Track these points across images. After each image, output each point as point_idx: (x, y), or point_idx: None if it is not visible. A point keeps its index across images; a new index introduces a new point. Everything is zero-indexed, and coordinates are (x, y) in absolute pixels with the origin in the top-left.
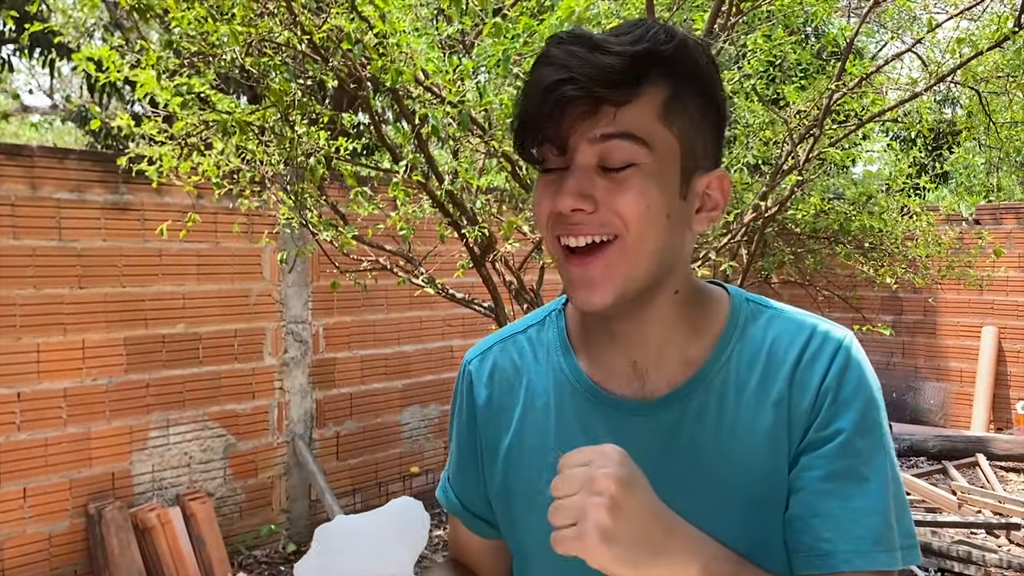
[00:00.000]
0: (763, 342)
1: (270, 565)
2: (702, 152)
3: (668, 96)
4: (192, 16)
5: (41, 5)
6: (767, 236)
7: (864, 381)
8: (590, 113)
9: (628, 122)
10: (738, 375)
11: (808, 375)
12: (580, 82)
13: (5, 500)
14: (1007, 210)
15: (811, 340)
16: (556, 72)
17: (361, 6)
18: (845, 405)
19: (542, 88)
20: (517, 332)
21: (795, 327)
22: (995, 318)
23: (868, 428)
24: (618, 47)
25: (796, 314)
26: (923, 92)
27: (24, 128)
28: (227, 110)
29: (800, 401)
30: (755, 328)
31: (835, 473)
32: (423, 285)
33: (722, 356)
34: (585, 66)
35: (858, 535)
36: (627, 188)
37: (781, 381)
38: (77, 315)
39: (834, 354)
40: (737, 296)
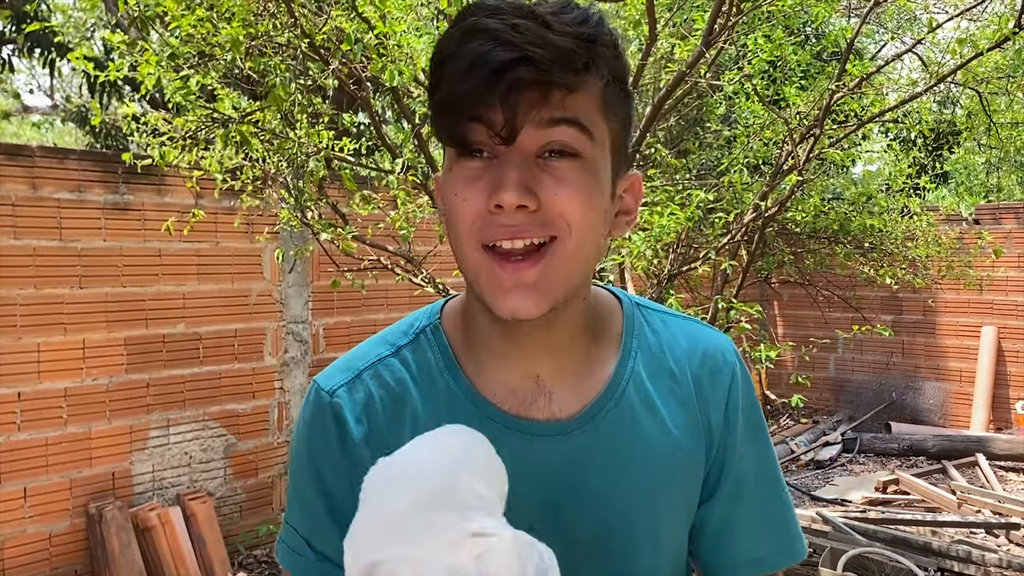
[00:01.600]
0: (661, 350)
1: (270, 565)
2: (624, 152)
3: (605, 86)
4: (193, 19)
5: (41, 5)
6: (767, 236)
7: (752, 389)
8: (541, 98)
9: (575, 108)
10: (644, 388)
11: (713, 392)
12: (537, 63)
13: (6, 500)
14: (1007, 210)
15: (707, 354)
16: (505, 49)
17: (361, 6)
18: (750, 419)
19: (492, 67)
20: (386, 355)
21: (685, 334)
22: (995, 318)
23: (762, 432)
24: (567, 27)
25: (680, 318)
26: (923, 92)
27: (24, 128)
28: (230, 115)
29: (709, 417)
30: (651, 334)
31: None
32: (423, 285)
33: (627, 367)
34: (541, 46)
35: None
36: (569, 184)
37: (689, 397)
38: (77, 315)
39: (733, 369)
40: (626, 301)
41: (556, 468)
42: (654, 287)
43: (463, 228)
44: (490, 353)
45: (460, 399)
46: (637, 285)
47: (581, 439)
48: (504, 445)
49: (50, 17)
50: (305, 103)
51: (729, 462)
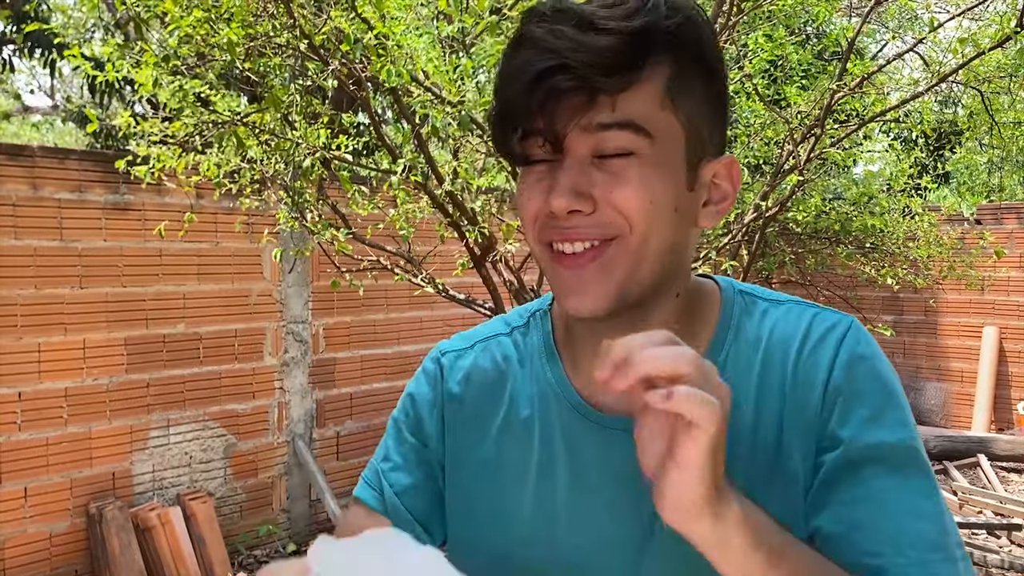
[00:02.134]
0: (759, 340)
1: None
2: (708, 137)
3: (671, 76)
4: (192, 19)
5: (41, 5)
6: (768, 236)
7: (876, 370)
8: (586, 103)
9: (628, 110)
10: (735, 381)
11: (811, 370)
12: (575, 69)
13: (6, 500)
14: (1008, 210)
15: (811, 330)
16: (543, 57)
17: (361, 7)
18: (859, 400)
19: (529, 77)
20: (500, 333)
21: (792, 318)
22: (996, 318)
23: (891, 423)
24: (613, 23)
25: (793, 304)
26: (925, 92)
27: (25, 128)
28: (227, 117)
29: (805, 401)
30: (750, 324)
31: (865, 478)
32: (423, 285)
33: (716, 358)
34: (579, 50)
35: (910, 543)
36: (626, 180)
37: (783, 381)
38: (78, 315)
39: (839, 344)
40: (728, 289)
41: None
42: None
43: (527, 228)
44: (581, 345)
45: (552, 385)
46: None
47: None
48: (584, 436)
49: (50, 17)
50: (304, 104)
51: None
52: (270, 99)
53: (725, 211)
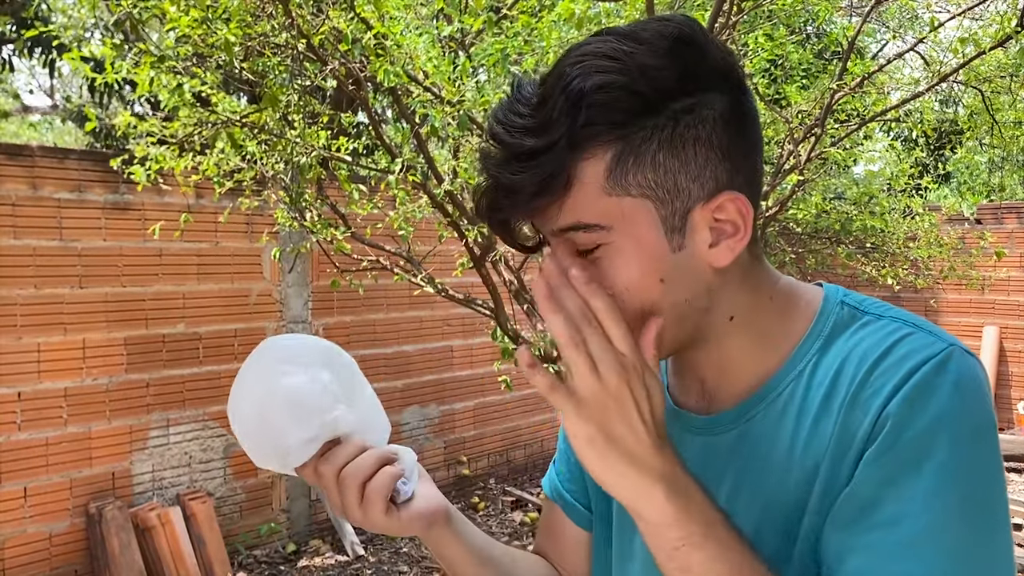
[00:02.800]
0: (841, 353)
1: (270, 565)
2: (690, 185)
3: (612, 158)
4: (189, 19)
5: (41, 5)
6: (768, 236)
7: (947, 410)
8: (536, 216)
9: (575, 211)
10: (806, 391)
11: (871, 395)
12: (506, 209)
13: (6, 500)
14: (1008, 209)
15: (891, 350)
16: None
17: (360, 7)
18: (909, 434)
19: (484, 205)
20: None
21: (883, 333)
22: (996, 318)
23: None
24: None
25: (892, 319)
26: (925, 91)
27: (24, 128)
28: (225, 117)
29: (856, 426)
30: (843, 337)
31: (878, 523)
32: (423, 285)
33: (794, 369)
34: (504, 193)
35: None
36: (601, 274)
37: (843, 400)
38: (77, 315)
39: (913, 370)
40: (831, 298)
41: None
42: None
43: None
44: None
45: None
46: None
47: (725, 437)
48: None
49: (50, 17)
50: (302, 104)
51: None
52: (268, 98)
53: (742, 244)
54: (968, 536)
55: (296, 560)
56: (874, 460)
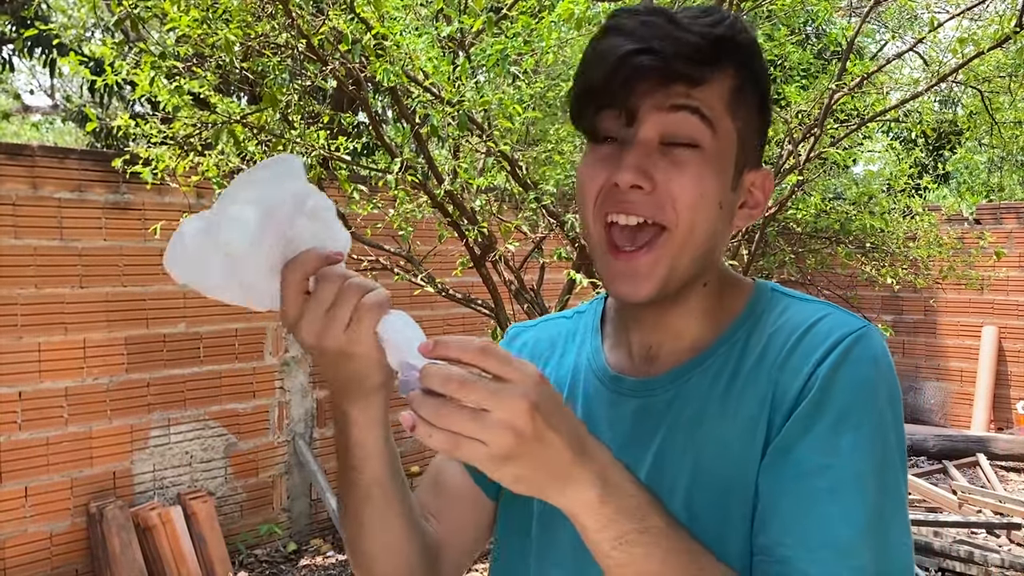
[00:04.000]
0: (773, 328)
1: (271, 564)
2: (752, 148)
3: (735, 85)
4: (189, 19)
5: (41, 4)
6: (768, 235)
7: (867, 377)
8: (663, 84)
9: (698, 99)
10: (739, 359)
11: (801, 360)
12: (660, 53)
13: (7, 499)
14: (1008, 210)
15: (816, 325)
16: (632, 42)
17: (360, 7)
18: (835, 395)
19: (616, 56)
20: (564, 316)
21: (807, 312)
22: (996, 318)
23: (858, 426)
24: (697, 26)
25: (818, 303)
26: (925, 91)
27: (25, 128)
28: (225, 117)
29: (788, 387)
30: (771, 316)
31: (806, 471)
32: (423, 285)
33: (727, 340)
34: (666, 39)
35: (820, 543)
36: (685, 172)
37: (773, 365)
38: (78, 314)
39: (838, 341)
40: (762, 287)
41: (635, 425)
42: None
43: (587, 203)
44: (621, 324)
45: (588, 355)
46: None
47: (660, 398)
48: (599, 397)
49: (49, 17)
50: (302, 104)
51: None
52: (267, 98)
53: (756, 216)
54: (881, 489)
55: (297, 559)
56: (803, 416)
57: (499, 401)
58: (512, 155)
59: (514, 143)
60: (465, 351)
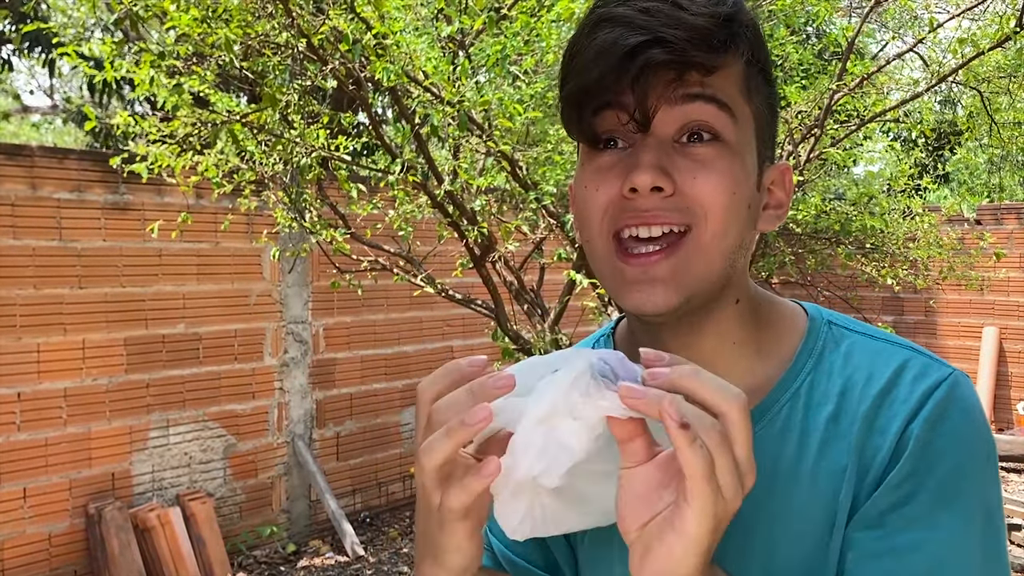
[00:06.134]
0: (839, 374)
1: (270, 565)
2: (769, 139)
3: (746, 68)
4: (189, 19)
5: (41, 4)
6: (768, 236)
7: (966, 436)
8: (676, 77)
9: (714, 86)
10: (806, 412)
11: (888, 417)
12: (671, 44)
13: (5, 500)
14: (1008, 210)
15: (901, 374)
16: (636, 33)
17: (360, 7)
18: (931, 459)
19: (623, 51)
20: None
21: (883, 357)
22: (996, 319)
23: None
24: (703, 8)
25: (888, 341)
26: (924, 92)
27: (24, 128)
28: (224, 117)
29: (875, 450)
30: (834, 356)
31: (901, 548)
32: (423, 285)
33: (790, 387)
34: (674, 26)
35: None
36: (710, 168)
37: (855, 423)
38: (77, 315)
39: (928, 394)
40: (816, 316)
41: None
42: None
43: (594, 218)
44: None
45: None
46: None
47: None
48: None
49: (49, 16)
50: (302, 104)
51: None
52: (267, 97)
53: (782, 218)
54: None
55: (296, 560)
56: (895, 485)
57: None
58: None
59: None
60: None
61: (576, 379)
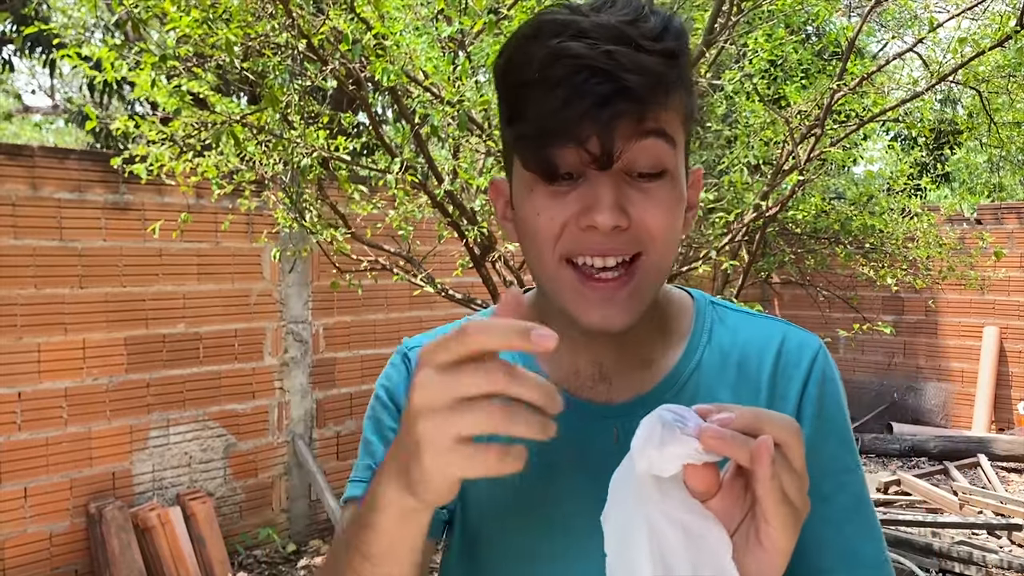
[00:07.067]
0: (732, 347)
1: (270, 565)
2: (687, 149)
3: (686, 98)
4: (190, 20)
5: (41, 4)
6: (768, 236)
7: (841, 393)
8: (637, 122)
9: (665, 122)
10: (709, 382)
11: (787, 382)
12: (635, 92)
13: (6, 500)
14: (1008, 210)
15: (785, 344)
16: (601, 81)
17: (359, 7)
18: (830, 420)
19: (590, 100)
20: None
21: (766, 331)
22: (997, 318)
23: (849, 444)
24: (655, 44)
25: (763, 317)
26: (924, 92)
27: (25, 128)
28: (224, 117)
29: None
30: (723, 332)
31: (825, 495)
32: (423, 285)
33: (691, 361)
34: (638, 71)
35: (860, 562)
36: (659, 202)
37: (758, 391)
38: (78, 315)
39: (812, 360)
40: (700, 298)
41: (605, 450)
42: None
43: (546, 244)
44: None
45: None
46: None
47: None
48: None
49: (50, 17)
50: (303, 104)
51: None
52: (267, 98)
53: (695, 217)
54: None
55: (296, 560)
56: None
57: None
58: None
59: None
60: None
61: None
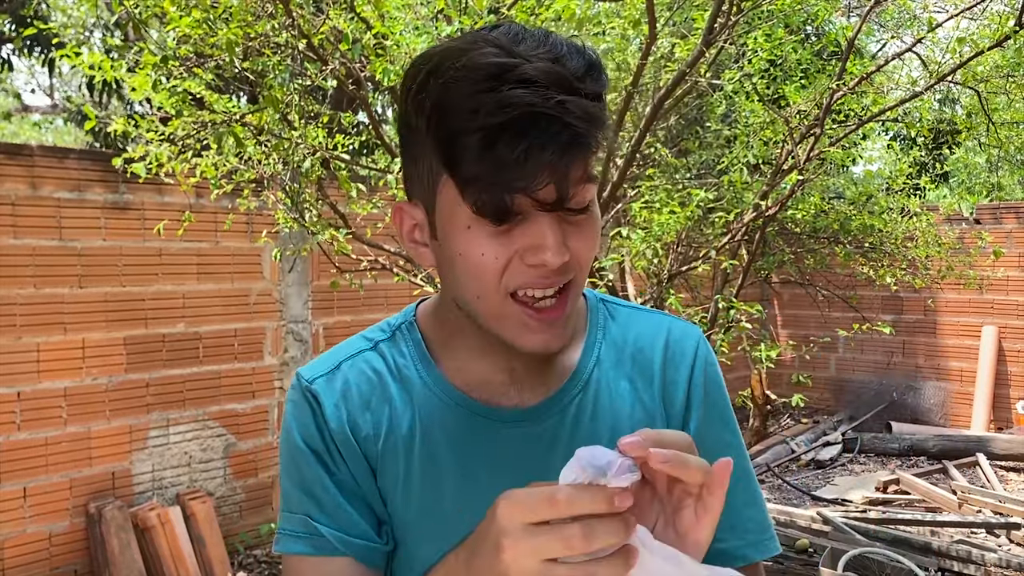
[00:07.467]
0: (625, 341)
1: (270, 565)
2: None
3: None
4: (190, 20)
5: (41, 4)
6: (767, 235)
7: (720, 375)
8: (583, 167)
9: (596, 161)
10: (609, 376)
11: (675, 370)
12: (585, 140)
13: (5, 500)
14: (1007, 209)
15: (670, 335)
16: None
17: (359, 6)
18: (714, 403)
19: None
20: (365, 349)
21: (653, 324)
22: (995, 317)
23: (731, 422)
24: (592, 87)
25: (648, 311)
26: (923, 92)
27: (24, 127)
28: (224, 117)
29: (673, 398)
30: (616, 327)
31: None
32: (423, 284)
33: (591, 358)
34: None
35: (747, 528)
36: (588, 233)
37: (652, 381)
38: (77, 314)
39: (695, 348)
40: (591, 296)
41: (522, 453)
42: (654, 287)
43: (490, 281)
44: (467, 348)
45: (431, 388)
46: (637, 284)
47: (547, 424)
48: (473, 431)
49: (49, 16)
50: (303, 104)
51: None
52: (268, 99)
53: None
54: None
55: None
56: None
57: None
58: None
59: None
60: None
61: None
